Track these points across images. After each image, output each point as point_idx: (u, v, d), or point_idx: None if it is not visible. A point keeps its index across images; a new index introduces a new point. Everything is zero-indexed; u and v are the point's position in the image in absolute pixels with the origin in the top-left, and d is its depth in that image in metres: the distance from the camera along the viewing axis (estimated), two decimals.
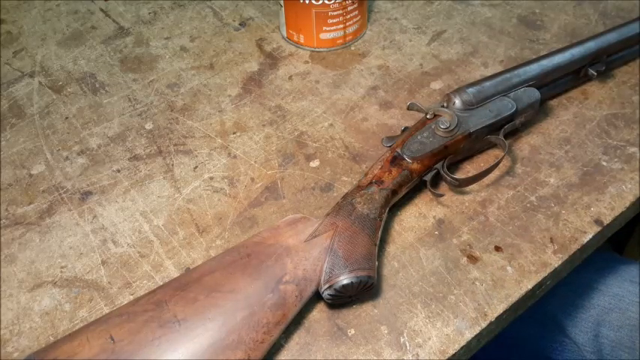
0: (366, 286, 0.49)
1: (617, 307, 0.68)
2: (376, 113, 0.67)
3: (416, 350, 0.48)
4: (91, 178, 0.61)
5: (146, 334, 0.44)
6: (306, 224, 0.51)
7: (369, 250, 0.49)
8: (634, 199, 0.58)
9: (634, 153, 0.61)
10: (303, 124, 0.66)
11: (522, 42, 0.74)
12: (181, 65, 0.73)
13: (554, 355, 0.70)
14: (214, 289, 0.46)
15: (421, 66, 0.72)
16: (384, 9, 0.80)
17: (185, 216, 0.58)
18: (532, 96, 0.60)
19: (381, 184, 0.53)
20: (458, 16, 0.79)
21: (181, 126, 0.66)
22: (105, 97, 0.70)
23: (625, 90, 0.68)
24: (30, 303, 0.52)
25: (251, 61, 0.74)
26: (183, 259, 0.54)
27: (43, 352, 0.44)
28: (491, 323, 0.50)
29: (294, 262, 0.48)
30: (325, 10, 0.69)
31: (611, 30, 0.66)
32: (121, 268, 0.54)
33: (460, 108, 0.58)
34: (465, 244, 0.55)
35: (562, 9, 0.78)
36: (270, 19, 0.79)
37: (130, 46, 0.76)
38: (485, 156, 0.62)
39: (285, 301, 0.47)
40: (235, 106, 0.68)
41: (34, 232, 0.57)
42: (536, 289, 0.53)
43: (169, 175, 0.61)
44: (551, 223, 0.56)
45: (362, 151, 0.63)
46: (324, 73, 0.72)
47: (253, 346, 0.45)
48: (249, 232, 0.56)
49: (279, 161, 0.62)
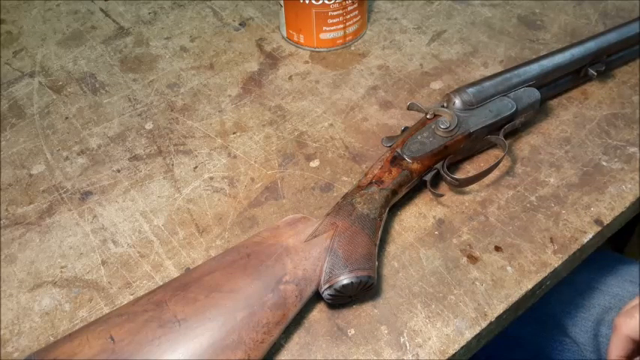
0: (366, 286, 0.49)
1: (617, 307, 0.68)
2: (376, 113, 0.67)
3: (416, 350, 0.48)
4: (91, 178, 0.61)
5: (146, 334, 0.44)
6: (306, 224, 0.51)
7: (369, 250, 0.49)
8: (634, 199, 0.58)
9: (634, 153, 0.61)
10: (303, 124, 0.66)
11: (522, 42, 0.74)
12: (181, 65, 0.73)
13: (555, 355, 0.70)
14: (214, 289, 0.46)
15: (421, 66, 0.72)
16: (384, 9, 0.80)
17: (185, 216, 0.58)
18: (532, 96, 0.60)
19: (381, 184, 0.53)
20: (458, 16, 0.79)
21: (181, 126, 0.66)
22: (105, 97, 0.70)
23: (625, 90, 0.68)
24: (30, 303, 0.52)
25: (251, 61, 0.74)
26: (183, 259, 0.54)
27: (43, 352, 0.44)
28: (491, 323, 0.50)
29: (294, 262, 0.48)
30: (325, 10, 0.69)
31: (611, 30, 0.66)
32: (121, 268, 0.54)
33: (460, 108, 0.58)
34: (465, 244, 0.55)
35: (562, 9, 0.78)
36: (270, 19, 0.79)
37: (130, 46, 0.76)
38: (485, 156, 0.62)
39: (285, 301, 0.47)
40: (235, 106, 0.68)
41: (34, 232, 0.57)
42: (536, 289, 0.53)
43: (169, 175, 0.61)
44: (551, 223, 0.56)
45: (362, 151, 0.63)
46: (324, 73, 0.72)
47: (253, 346, 0.45)
48: (249, 232, 0.56)
49: (279, 161, 0.62)
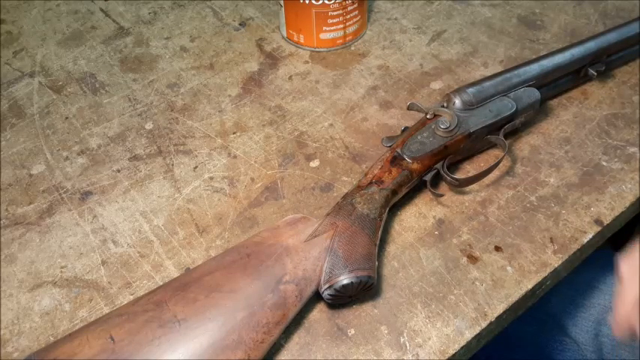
0: (366, 286, 0.49)
1: None
2: (376, 113, 0.67)
3: (416, 350, 0.48)
4: (91, 178, 0.61)
5: (146, 334, 0.44)
6: (306, 224, 0.51)
7: (369, 250, 0.49)
8: (634, 199, 0.58)
9: (634, 153, 0.61)
10: (303, 124, 0.66)
11: (522, 42, 0.74)
12: (181, 65, 0.73)
13: (555, 355, 0.70)
14: (214, 289, 0.46)
15: (421, 66, 0.72)
16: (384, 9, 0.80)
17: (185, 216, 0.58)
18: (532, 96, 0.60)
19: (381, 184, 0.53)
20: (458, 16, 0.79)
21: (181, 126, 0.66)
22: (105, 97, 0.70)
23: (625, 90, 0.68)
24: (30, 303, 0.52)
25: (251, 61, 0.74)
26: (183, 259, 0.54)
27: (43, 352, 0.44)
28: (491, 323, 0.50)
29: (294, 262, 0.48)
30: (325, 10, 0.69)
31: (611, 30, 0.66)
32: (121, 268, 0.54)
33: (460, 108, 0.58)
34: (465, 244, 0.55)
35: (562, 9, 0.78)
36: (270, 19, 0.79)
37: (130, 46, 0.76)
38: (486, 156, 0.62)
39: (285, 301, 0.47)
40: (235, 106, 0.68)
41: (34, 232, 0.57)
42: (536, 289, 0.53)
43: (169, 175, 0.61)
44: (551, 223, 0.56)
45: (362, 151, 0.63)
46: (324, 73, 0.72)
47: (253, 346, 0.45)
48: (249, 232, 0.56)
49: (279, 161, 0.62)
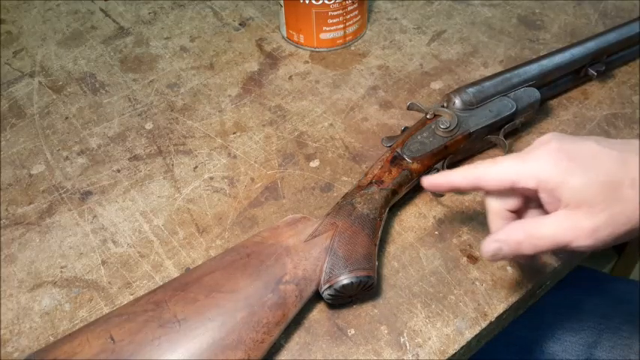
0: (366, 286, 0.49)
1: (607, 328, 0.66)
2: (376, 113, 0.67)
3: (416, 350, 0.48)
4: (91, 178, 0.61)
5: (146, 334, 0.44)
6: (306, 224, 0.51)
7: (369, 250, 0.49)
8: None
9: None
10: (303, 124, 0.66)
11: (522, 42, 0.74)
12: (181, 65, 0.73)
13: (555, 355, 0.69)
14: (214, 289, 0.46)
15: (421, 66, 0.72)
16: (384, 9, 0.80)
17: (185, 216, 0.58)
18: (532, 96, 0.60)
19: (381, 184, 0.53)
20: (458, 16, 0.79)
21: (181, 126, 0.66)
22: (105, 97, 0.70)
23: (625, 90, 0.68)
24: (30, 303, 0.52)
25: (251, 61, 0.74)
26: (183, 259, 0.54)
27: (43, 352, 0.44)
28: (491, 323, 0.50)
29: (294, 262, 0.48)
30: (325, 10, 0.69)
31: (611, 30, 0.66)
32: (121, 268, 0.54)
33: (460, 108, 0.58)
34: (465, 244, 0.55)
35: (562, 9, 0.78)
36: (270, 19, 0.79)
37: (130, 46, 0.76)
38: (485, 156, 0.62)
39: (285, 301, 0.47)
40: (235, 106, 0.68)
41: (34, 232, 0.57)
42: (536, 289, 0.53)
43: (169, 175, 0.61)
44: None
45: (362, 151, 0.63)
46: (324, 73, 0.72)
47: (253, 346, 0.45)
48: (249, 232, 0.56)
49: (279, 161, 0.62)
